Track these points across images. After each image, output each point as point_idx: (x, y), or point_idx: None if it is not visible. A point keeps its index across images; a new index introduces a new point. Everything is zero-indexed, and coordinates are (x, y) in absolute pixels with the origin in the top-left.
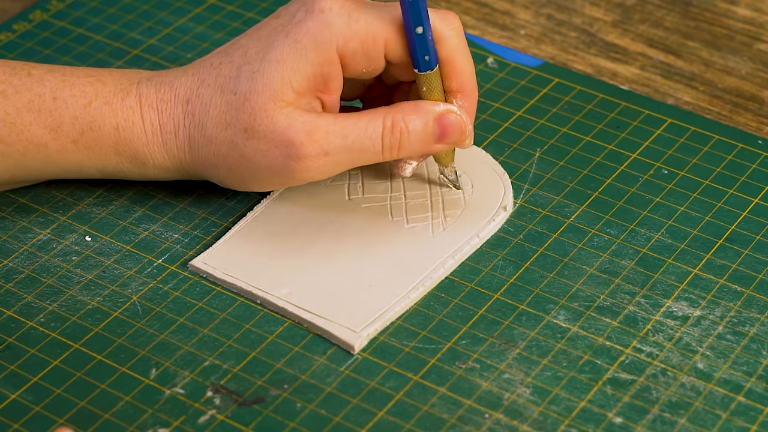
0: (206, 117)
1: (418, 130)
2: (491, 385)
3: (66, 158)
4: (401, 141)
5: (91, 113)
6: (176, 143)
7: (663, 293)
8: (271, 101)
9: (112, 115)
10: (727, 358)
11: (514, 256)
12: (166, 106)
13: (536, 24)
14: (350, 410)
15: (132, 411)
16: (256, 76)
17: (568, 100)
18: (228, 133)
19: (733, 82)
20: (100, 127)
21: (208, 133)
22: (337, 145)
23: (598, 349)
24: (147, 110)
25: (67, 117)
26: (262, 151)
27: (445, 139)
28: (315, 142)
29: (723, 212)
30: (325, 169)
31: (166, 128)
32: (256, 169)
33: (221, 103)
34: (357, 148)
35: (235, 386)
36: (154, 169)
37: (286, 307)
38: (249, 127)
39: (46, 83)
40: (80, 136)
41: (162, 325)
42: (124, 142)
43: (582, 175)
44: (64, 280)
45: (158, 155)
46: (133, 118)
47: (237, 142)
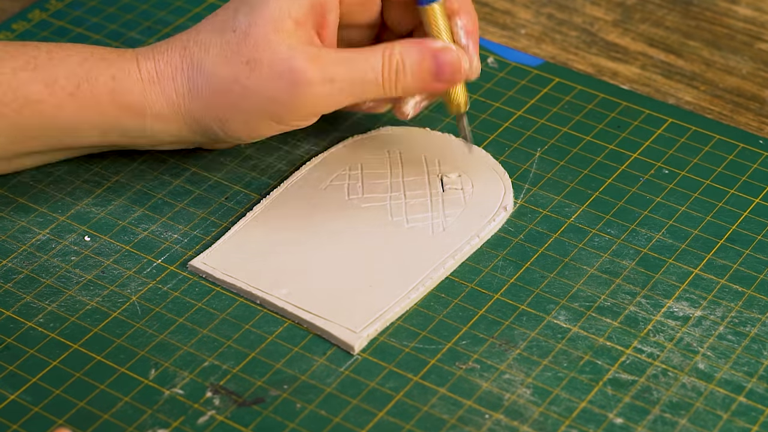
0: (205, 57)
1: (413, 64)
2: (491, 385)
3: (62, 115)
4: (398, 75)
5: (86, 67)
6: (174, 87)
7: (664, 293)
8: (272, 32)
9: (108, 66)
10: (728, 359)
11: (514, 256)
12: (163, 55)
13: (537, 23)
14: (350, 411)
15: (131, 411)
16: (254, 10)
17: (568, 99)
18: (229, 68)
19: (734, 82)
20: (97, 77)
21: (208, 71)
22: (341, 71)
23: (599, 350)
24: (143, 61)
25: (63, 72)
26: (266, 79)
27: (441, 77)
28: (319, 68)
29: (724, 212)
30: (329, 99)
31: (164, 74)
32: (259, 102)
33: (220, 42)
34: (359, 76)
35: (235, 387)
36: (152, 120)
37: (285, 307)
38: (251, 58)
39: (41, 47)
40: (76, 89)
41: (161, 326)
42: (122, 91)
43: (582, 174)
44: (63, 280)
45: (156, 103)
46: (129, 67)
47: (239, 76)
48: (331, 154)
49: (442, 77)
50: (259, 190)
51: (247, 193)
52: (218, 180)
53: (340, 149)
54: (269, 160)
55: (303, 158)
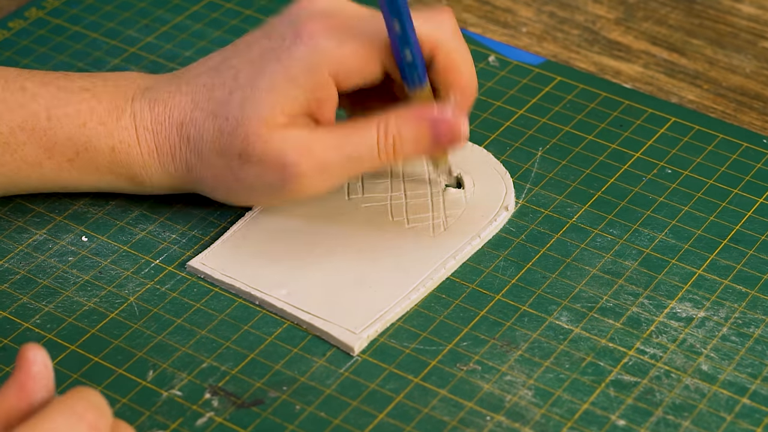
0: (201, 142)
1: (411, 136)
2: (493, 387)
3: (61, 176)
4: (395, 147)
5: (86, 134)
6: (174, 165)
7: (667, 294)
8: (264, 127)
9: (107, 136)
10: (732, 360)
11: (515, 256)
12: (161, 128)
13: (538, 22)
14: (350, 412)
15: (129, 413)
16: (247, 103)
17: (570, 98)
18: (224, 159)
19: (737, 81)
20: (96, 148)
21: (205, 158)
22: (333, 159)
23: (601, 351)
24: (142, 132)
25: (62, 137)
26: (258, 175)
27: (439, 145)
28: (310, 160)
29: (727, 212)
30: (325, 184)
31: (163, 150)
32: (254, 191)
33: (214, 128)
34: (354, 158)
35: (234, 388)
36: (151, 188)
37: (285, 308)
38: (243, 152)
39: (40, 100)
40: (76, 156)
41: (159, 327)
42: (121, 164)
43: (584, 174)
44: (60, 280)
45: (155, 176)
46: (129, 140)
47: (233, 167)
48: None
49: (441, 144)
50: None
51: None
52: None
53: None
54: None
55: None
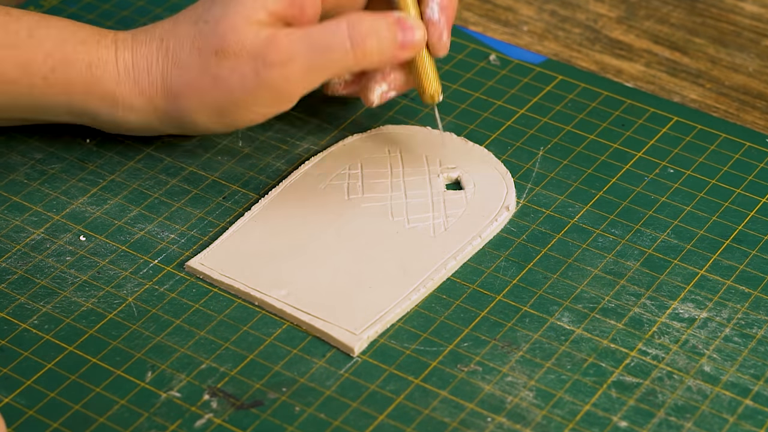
0: (179, 50)
1: (381, 28)
2: (494, 388)
3: (35, 95)
4: (367, 41)
5: (65, 51)
6: (148, 79)
7: (669, 295)
8: (242, 21)
9: (85, 53)
10: (735, 361)
11: (516, 256)
12: (141, 46)
13: (539, 20)
14: (350, 414)
15: (127, 415)
16: (230, 2)
17: (571, 97)
18: (200, 59)
19: (740, 80)
20: (72, 63)
21: (181, 62)
22: (302, 48)
23: (603, 352)
24: (121, 50)
25: (40, 53)
26: (232, 69)
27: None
28: (279, 49)
29: (730, 212)
30: (297, 76)
31: (139, 66)
32: (227, 91)
33: (194, 33)
34: (322, 47)
35: (233, 389)
36: (123, 110)
37: (284, 308)
38: (219, 48)
39: (23, 22)
40: (51, 73)
41: (158, 327)
42: (96, 81)
43: (586, 174)
44: (58, 280)
45: (129, 94)
46: (106, 57)
47: (209, 66)
48: (330, 154)
49: (408, 43)
50: (258, 189)
51: (245, 192)
52: (216, 179)
53: (339, 148)
54: (268, 160)
55: (302, 157)
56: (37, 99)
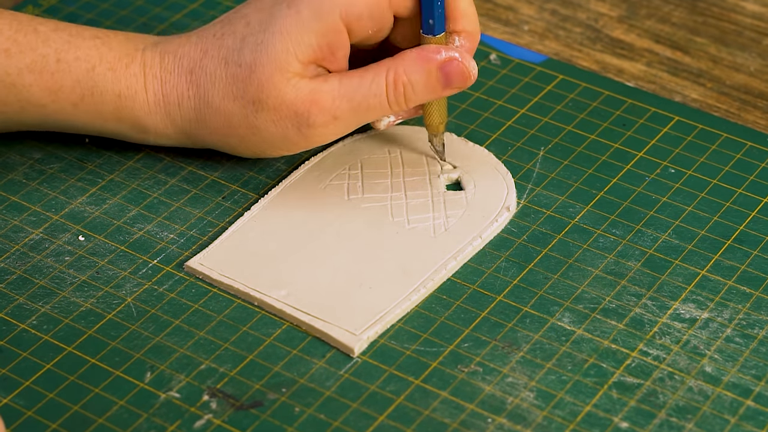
0: (212, 89)
1: (421, 81)
2: (494, 388)
3: (65, 119)
4: (406, 93)
5: (93, 78)
6: (180, 114)
7: (670, 295)
8: (278, 73)
9: (115, 81)
10: (736, 362)
11: (517, 257)
12: (170, 76)
13: (540, 19)
14: (350, 414)
15: (126, 415)
16: (260, 48)
17: (572, 97)
18: (237, 105)
19: (741, 79)
20: (102, 93)
21: (216, 105)
22: (344, 108)
23: (604, 352)
24: (150, 79)
25: (69, 80)
26: (273, 121)
27: (450, 86)
28: (323, 110)
29: (731, 212)
30: (336, 131)
31: (170, 99)
32: (268, 138)
33: (226, 75)
34: (364, 107)
35: (232, 390)
36: (155, 137)
37: (284, 309)
38: (257, 99)
39: (51, 43)
40: (80, 101)
41: (157, 328)
42: (126, 110)
43: (587, 174)
44: (57, 281)
45: (161, 124)
46: (136, 87)
47: (247, 114)
48: (330, 154)
49: (451, 86)
50: (257, 189)
51: (244, 192)
52: (215, 179)
53: (339, 148)
54: (267, 159)
55: (302, 157)
56: (68, 122)
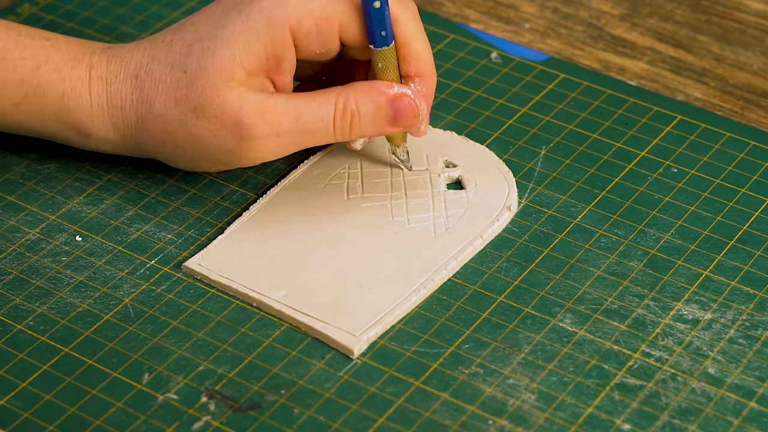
0: (155, 93)
1: (369, 112)
2: (495, 390)
3: (5, 119)
4: (352, 123)
5: (38, 78)
6: (122, 118)
7: (673, 296)
8: (222, 81)
9: (59, 82)
10: (739, 363)
11: (518, 257)
12: (115, 79)
13: (541, 17)
14: (349, 416)
15: (124, 417)
16: (206, 54)
17: (574, 96)
18: (177, 111)
19: (745, 78)
20: (45, 93)
21: (156, 110)
22: (288, 126)
23: (606, 354)
24: (95, 82)
25: (13, 79)
26: (212, 131)
27: (398, 123)
28: (266, 123)
29: (734, 212)
30: (275, 150)
31: (113, 102)
32: (205, 148)
33: (171, 80)
34: (308, 129)
35: (231, 392)
36: (96, 142)
37: (283, 309)
38: (199, 106)
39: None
40: (23, 100)
41: (155, 329)
42: (68, 112)
43: (589, 173)
44: (54, 281)
45: (102, 128)
46: (80, 88)
47: (187, 121)
48: (329, 153)
49: (400, 123)
50: (256, 189)
51: (243, 192)
52: (213, 179)
53: (339, 147)
54: None
55: (301, 156)
56: (10, 123)
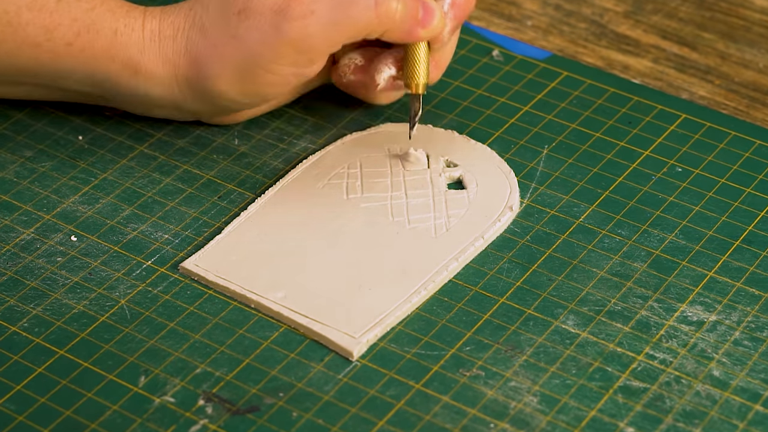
0: (205, 15)
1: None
2: (497, 393)
3: (57, 61)
4: (391, 3)
5: (92, 17)
6: (173, 47)
7: (677, 297)
8: None
9: (113, 20)
10: (744, 365)
11: (520, 258)
12: (169, 15)
13: (544, 15)
14: (349, 420)
15: (120, 420)
16: None
17: (577, 94)
18: (223, 20)
19: (750, 76)
20: (98, 30)
21: (204, 27)
22: (324, 6)
23: (609, 356)
24: (149, 19)
25: (67, 18)
26: (253, 27)
27: (425, 24)
28: (300, 2)
29: (740, 212)
30: (318, 30)
31: (165, 33)
32: (248, 49)
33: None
34: (345, 3)
35: (228, 394)
36: (145, 79)
37: (281, 311)
38: (242, 8)
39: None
40: (76, 38)
41: (151, 331)
42: (120, 47)
43: (592, 173)
44: (49, 282)
45: (152, 61)
46: (133, 25)
47: (230, 26)
48: (328, 152)
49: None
50: (254, 188)
51: (241, 191)
52: (211, 178)
53: (338, 147)
54: (264, 158)
55: (299, 156)
56: (59, 65)
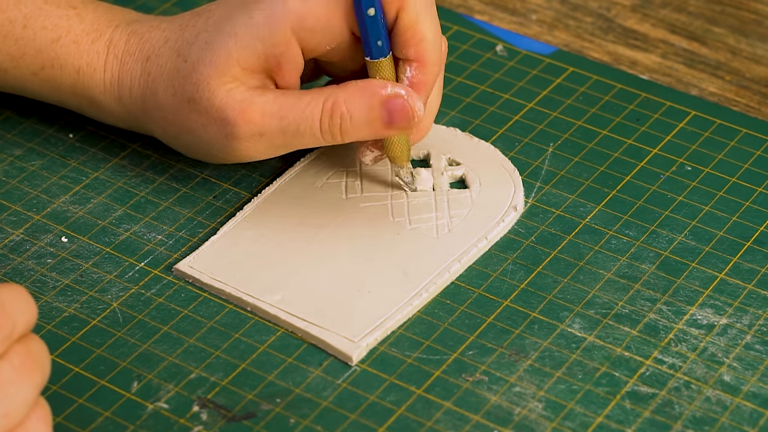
0: (159, 80)
1: (361, 114)
2: (500, 399)
3: (24, 86)
4: (342, 126)
5: (56, 50)
6: (130, 98)
7: (686, 300)
8: (215, 75)
9: (77, 56)
10: (756, 370)
11: (525, 259)
12: (129, 59)
13: (549, 8)
14: (348, 426)
15: (112, 427)
16: (207, 46)
17: (583, 90)
18: (175, 100)
19: (761, 71)
20: (62, 66)
21: (159, 97)
22: (272, 127)
23: (616, 361)
24: (111, 59)
25: (32, 49)
26: (202, 125)
27: (393, 125)
28: (249, 123)
29: (751, 212)
30: (262, 150)
31: (123, 82)
32: (198, 141)
33: (173, 68)
34: (293, 130)
35: (224, 400)
36: (109, 116)
37: (278, 314)
38: (192, 98)
39: (23, 8)
40: (40, 70)
41: (144, 334)
42: (83, 86)
43: (599, 171)
44: (39, 284)
45: (113, 104)
46: (95, 64)
47: (181, 112)
48: (327, 150)
49: (394, 125)
50: (250, 188)
51: (236, 191)
52: (206, 177)
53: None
54: None
55: (297, 154)
56: (29, 90)
